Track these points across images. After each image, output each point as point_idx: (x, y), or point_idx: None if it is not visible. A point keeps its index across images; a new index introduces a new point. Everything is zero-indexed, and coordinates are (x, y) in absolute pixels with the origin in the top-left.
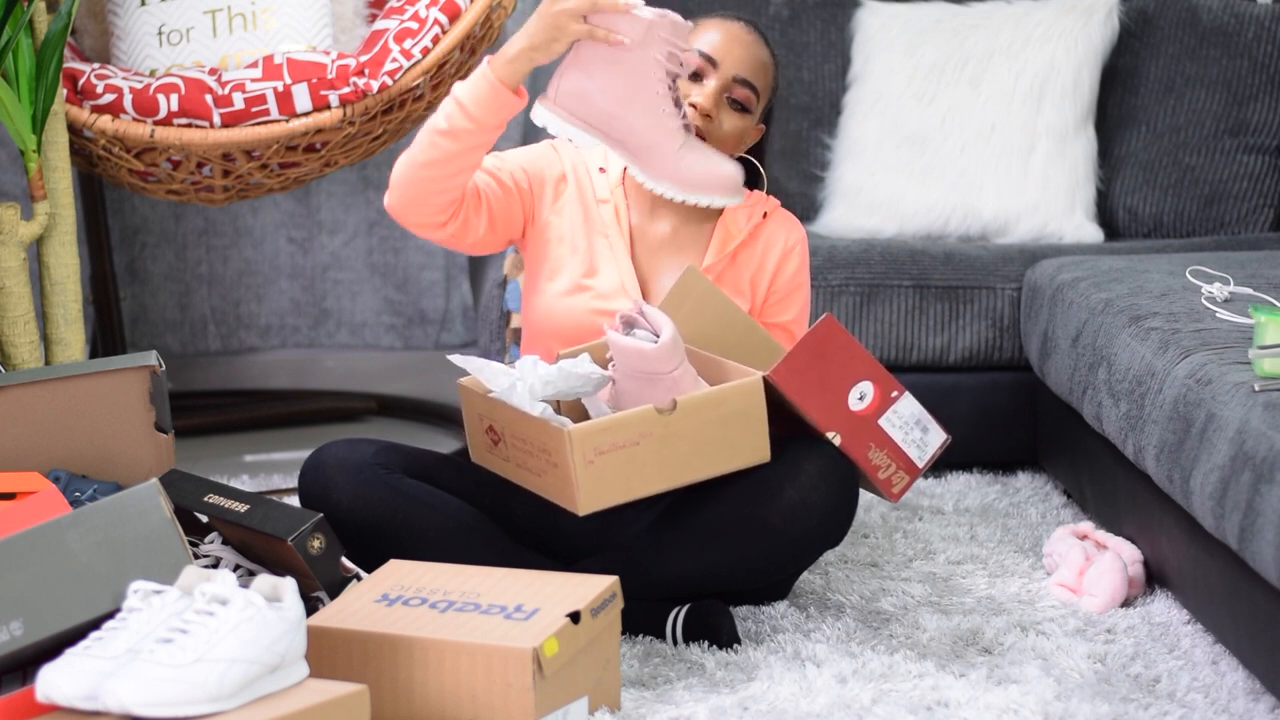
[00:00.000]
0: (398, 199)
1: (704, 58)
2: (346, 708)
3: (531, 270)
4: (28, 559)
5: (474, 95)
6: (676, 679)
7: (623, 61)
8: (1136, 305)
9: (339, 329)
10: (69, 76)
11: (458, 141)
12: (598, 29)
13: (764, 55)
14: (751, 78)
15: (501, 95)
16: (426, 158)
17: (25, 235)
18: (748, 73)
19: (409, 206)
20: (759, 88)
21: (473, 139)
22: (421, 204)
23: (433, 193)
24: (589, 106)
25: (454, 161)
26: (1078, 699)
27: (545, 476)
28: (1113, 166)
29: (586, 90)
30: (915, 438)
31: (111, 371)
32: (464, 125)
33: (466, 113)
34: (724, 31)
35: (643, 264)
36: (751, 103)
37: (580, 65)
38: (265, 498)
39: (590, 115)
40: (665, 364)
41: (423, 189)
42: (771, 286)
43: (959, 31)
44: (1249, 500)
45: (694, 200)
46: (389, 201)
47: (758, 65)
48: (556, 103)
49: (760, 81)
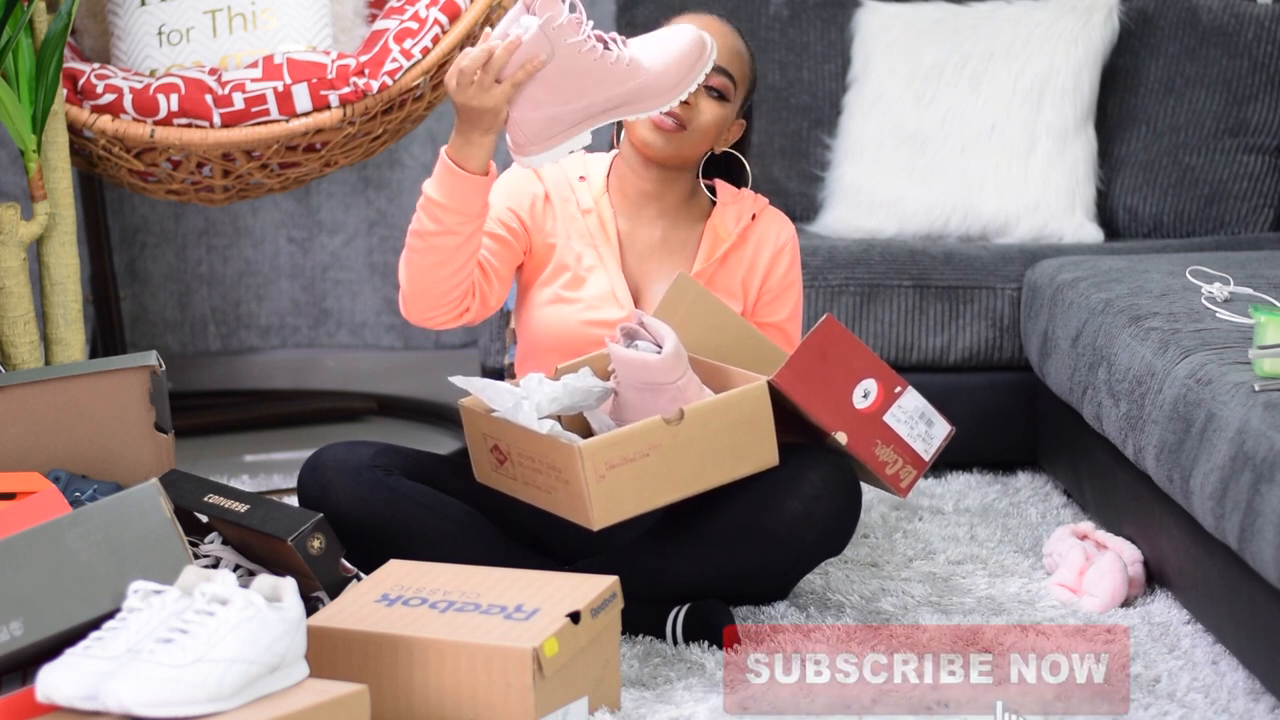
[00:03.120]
0: (419, 309)
1: None
2: (346, 708)
3: (524, 284)
4: (28, 559)
5: (449, 190)
6: (676, 679)
7: (551, 72)
8: (1136, 305)
9: (339, 329)
10: (69, 76)
11: (455, 235)
12: (517, 74)
13: (739, 45)
14: (727, 65)
15: (471, 181)
16: (429, 262)
17: (25, 235)
18: (724, 61)
19: (429, 310)
20: (735, 76)
21: (466, 228)
22: (440, 304)
23: (449, 289)
24: (560, 122)
25: (459, 254)
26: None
27: (556, 493)
28: (1113, 166)
29: (547, 116)
30: (920, 431)
31: (111, 371)
32: (453, 219)
33: (448, 208)
34: (699, 23)
35: (633, 270)
36: (729, 91)
37: (524, 105)
38: (265, 498)
39: (569, 123)
40: (669, 374)
41: (438, 290)
42: (764, 286)
43: (959, 31)
44: (1249, 500)
45: (698, 78)
46: (410, 315)
47: (733, 54)
48: (535, 144)
49: (736, 70)
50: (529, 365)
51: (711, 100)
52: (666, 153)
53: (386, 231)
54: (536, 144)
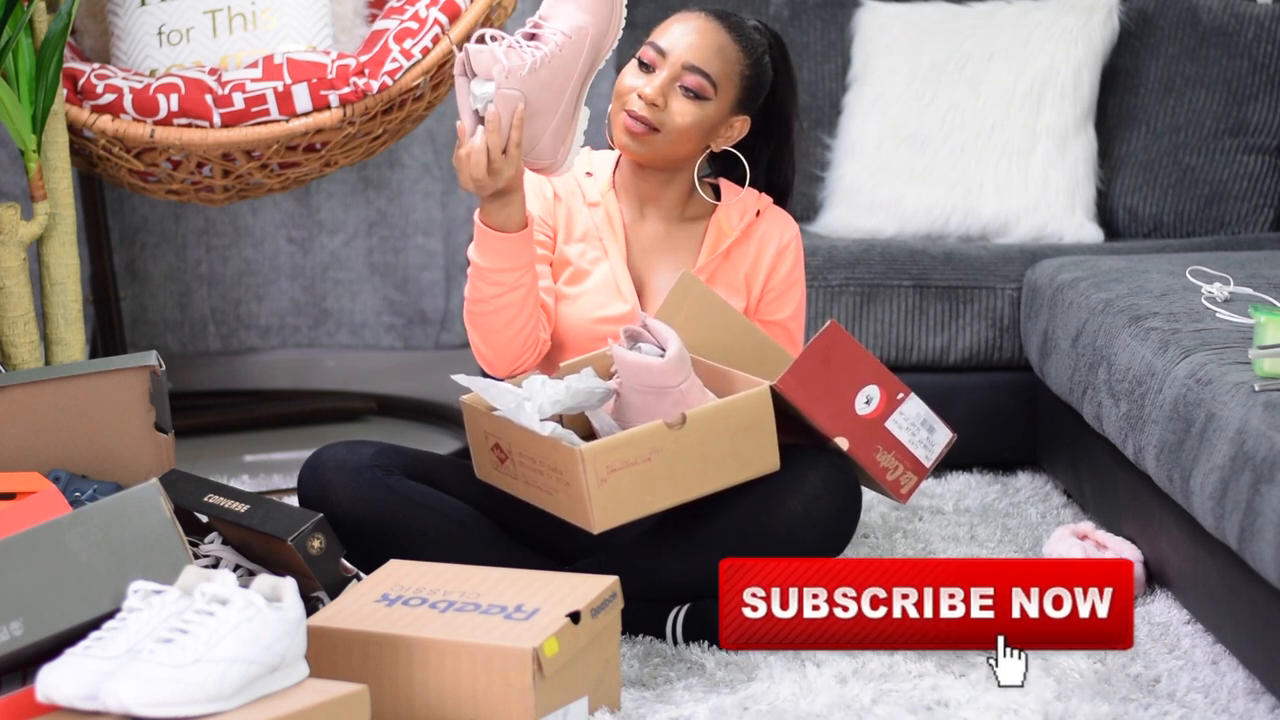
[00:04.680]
0: (505, 364)
1: (654, 48)
2: (346, 708)
3: None
4: (28, 559)
5: (496, 253)
6: (676, 679)
7: (532, 103)
8: (1136, 305)
9: (339, 329)
10: (69, 76)
11: (518, 289)
12: (513, 134)
13: (721, 41)
14: (702, 64)
15: (518, 238)
16: (500, 322)
17: (25, 235)
18: (698, 59)
19: (515, 360)
20: (713, 74)
21: (524, 279)
22: (524, 351)
23: (527, 335)
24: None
25: (526, 304)
26: (1078, 699)
27: (557, 495)
28: (1113, 166)
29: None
30: (922, 438)
31: (111, 371)
32: (510, 277)
33: (502, 268)
34: (679, 23)
35: (637, 265)
36: (705, 90)
37: (531, 139)
38: (265, 498)
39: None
40: (672, 378)
41: (518, 342)
42: (767, 284)
43: (959, 31)
44: (1249, 500)
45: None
46: (499, 373)
47: (711, 51)
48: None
49: (715, 68)
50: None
51: (686, 100)
52: (643, 155)
53: (386, 231)
54: (558, 155)
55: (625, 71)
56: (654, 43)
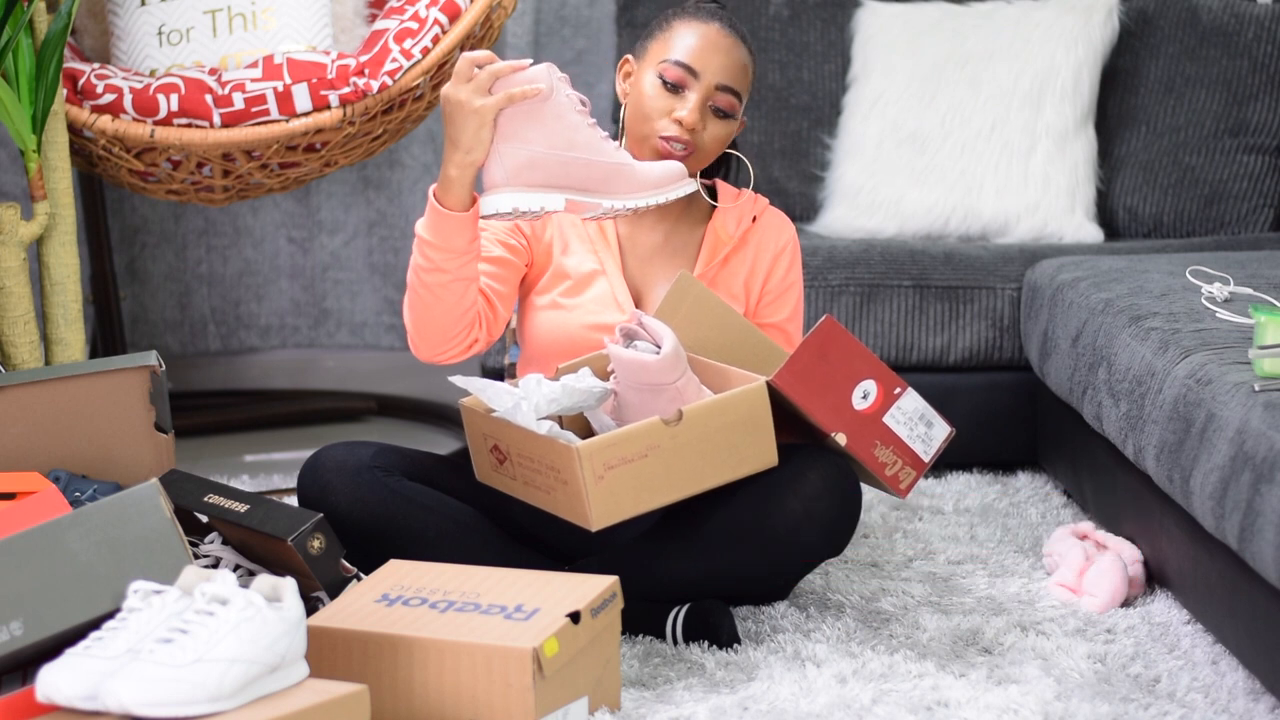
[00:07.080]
0: (427, 347)
1: (683, 68)
2: (346, 708)
3: (525, 291)
4: (28, 559)
5: (434, 228)
6: (676, 679)
7: (545, 112)
8: (1136, 305)
9: (339, 329)
10: (69, 76)
11: (446, 272)
12: (513, 90)
13: (743, 57)
14: (733, 83)
15: (457, 219)
16: (428, 300)
17: (25, 235)
18: (730, 79)
19: (437, 348)
20: (741, 91)
21: (454, 263)
22: (446, 340)
23: (451, 324)
24: (541, 168)
25: (453, 289)
26: (1078, 699)
27: (555, 494)
28: (1113, 166)
29: (531, 155)
30: (920, 432)
31: (111, 371)
32: (442, 257)
33: (436, 246)
34: (701, 37)
35: (635, 274)
36: (735, 108)
37: (510, 138)
38: (265, 498)
39: (547, 175)
40: (668, 375)
41: (440, 326)
42: (765, 288)
43: (959, 31)
44: (1249, 500)
45: (673, 196)
46: (420, 355)
47: (738, 69)
48: (509, 185)
49: (742, 85)
50: (531, 369)
51: (718, 120)
52: None
53: (386, 231)
54: (510, 185)
55: (648, 87)
56: (682, 62)
